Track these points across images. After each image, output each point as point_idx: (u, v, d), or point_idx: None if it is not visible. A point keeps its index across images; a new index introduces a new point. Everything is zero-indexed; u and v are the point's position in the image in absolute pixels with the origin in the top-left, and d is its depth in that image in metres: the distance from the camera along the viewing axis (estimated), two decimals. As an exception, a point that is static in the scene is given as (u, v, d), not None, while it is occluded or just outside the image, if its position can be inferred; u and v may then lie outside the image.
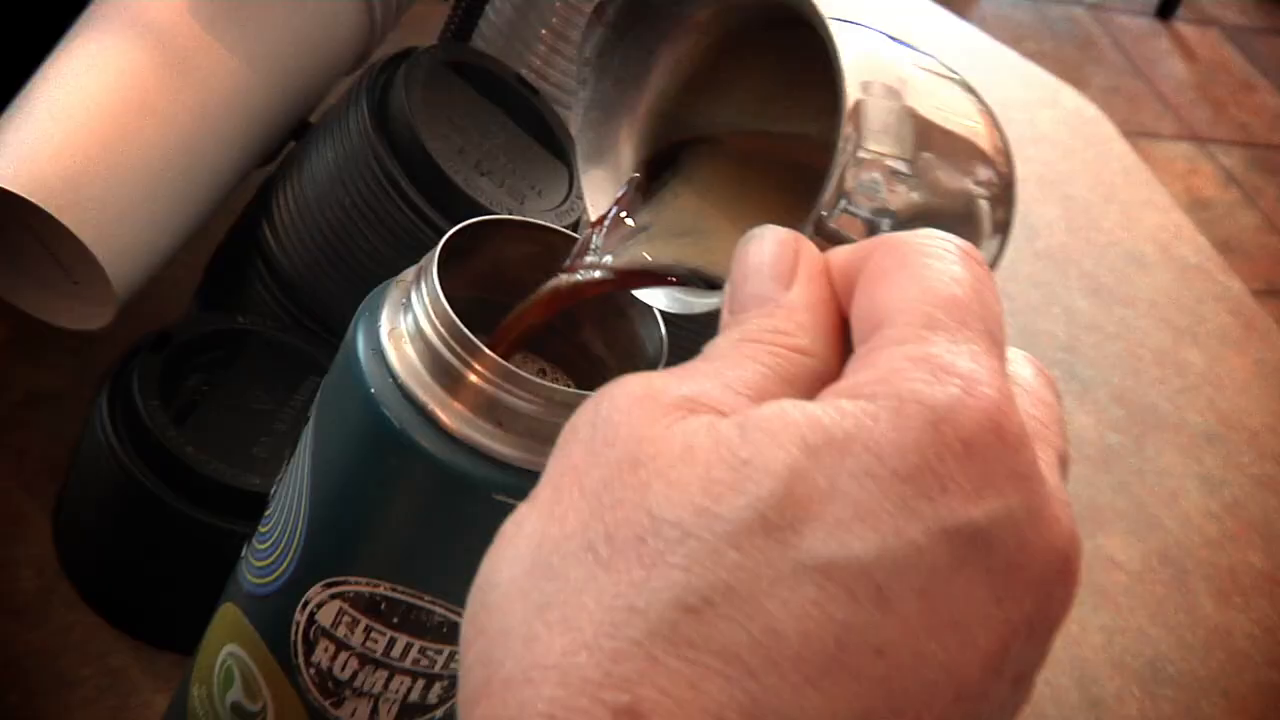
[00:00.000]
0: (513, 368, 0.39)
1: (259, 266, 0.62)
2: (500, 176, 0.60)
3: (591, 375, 0.45)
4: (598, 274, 0.39)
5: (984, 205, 0.39)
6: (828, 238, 0.35)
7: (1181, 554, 0.85)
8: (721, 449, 0.27)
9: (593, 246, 0.39)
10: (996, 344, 0.29)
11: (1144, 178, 1.15)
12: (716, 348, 0.30)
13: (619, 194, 0.41)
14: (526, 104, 0.63)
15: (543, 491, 0.29)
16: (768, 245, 0.32)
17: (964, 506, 0.27)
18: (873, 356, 0.29)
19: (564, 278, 0.40)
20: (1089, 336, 0.98)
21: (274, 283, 0.61)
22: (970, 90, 0.40)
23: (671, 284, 0.39)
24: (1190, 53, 3.31)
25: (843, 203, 0.35)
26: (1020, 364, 0.31)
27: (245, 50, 0.63)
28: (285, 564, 0.43)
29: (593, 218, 0.41)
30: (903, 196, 0.36)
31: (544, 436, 0.39)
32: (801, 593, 0.26)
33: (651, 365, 0.42)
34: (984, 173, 0.39)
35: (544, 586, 0.27)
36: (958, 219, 0.39)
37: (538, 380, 0.39)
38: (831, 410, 0.28)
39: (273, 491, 0.45)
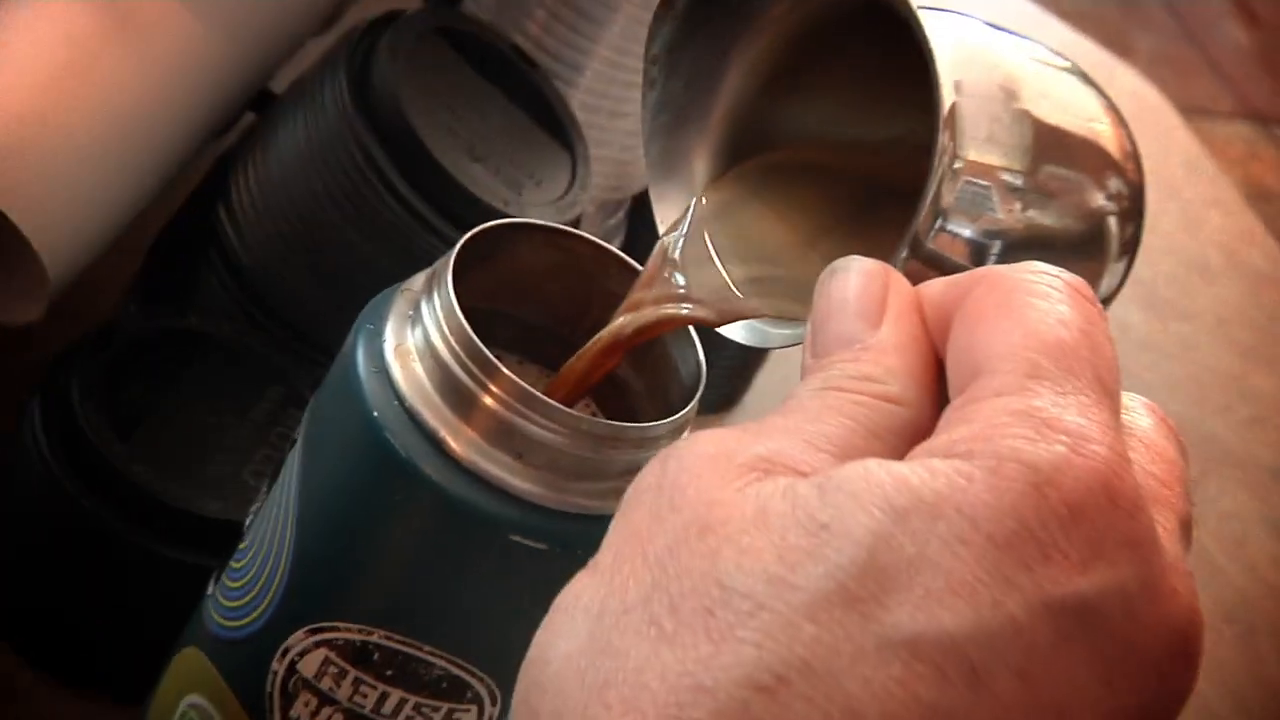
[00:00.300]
0: (535, 392, 0.40)
1: (212, 257, 0.63)
2: (495, 163, 0.62)
3: (617, 400, 0.46)
4: (687, 309, 0.41)
5: (1112, 222, 0.39)
6: (925, 261, 0.36)
7: (1247, 609, 0.86)
8: (798, 513, 0.29)
9: (666, 274, 0.41)
10: (1109, 394, 0.30)
11: (1208, 172, 1.17)
12: (797, 398, 0.32)
13: (687, 214, 0.42)
14: (524, 78, 0.65)
15: (603, 558, 0.31)
16: (853, 278, 0.33)
17: (1069, 578, 0.28)
18: (969, 409, 0.30)
19: (648, 311, 0.41)
20: (1144, 356, 0.99)
21: (230, 277, 0.62)
22: (1089, 82, 0.40)
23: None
24: (1252, 16, 3.33)
25: (939, 221, 0.36)
26: (1139, 413, 0.32)
27: (197, 2, 0.64)
28: (263, 605, 0.44)
29: (661, 233, 0.42)
30: (1015, 215, 0.37)
31: (567, 471, 0.41)
32: (886, 671, 0.27)
33: (686, 391, 0.43)
34: (1113, 183, 0.39)
35: (602, 664, 0.29)
36: (1082, 240, 0.39)
37: (562, 407, 0.40)
38: (921, 470, 0.29)
39: (249, 522, 0.46)
